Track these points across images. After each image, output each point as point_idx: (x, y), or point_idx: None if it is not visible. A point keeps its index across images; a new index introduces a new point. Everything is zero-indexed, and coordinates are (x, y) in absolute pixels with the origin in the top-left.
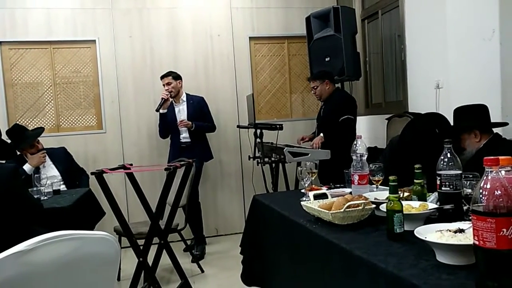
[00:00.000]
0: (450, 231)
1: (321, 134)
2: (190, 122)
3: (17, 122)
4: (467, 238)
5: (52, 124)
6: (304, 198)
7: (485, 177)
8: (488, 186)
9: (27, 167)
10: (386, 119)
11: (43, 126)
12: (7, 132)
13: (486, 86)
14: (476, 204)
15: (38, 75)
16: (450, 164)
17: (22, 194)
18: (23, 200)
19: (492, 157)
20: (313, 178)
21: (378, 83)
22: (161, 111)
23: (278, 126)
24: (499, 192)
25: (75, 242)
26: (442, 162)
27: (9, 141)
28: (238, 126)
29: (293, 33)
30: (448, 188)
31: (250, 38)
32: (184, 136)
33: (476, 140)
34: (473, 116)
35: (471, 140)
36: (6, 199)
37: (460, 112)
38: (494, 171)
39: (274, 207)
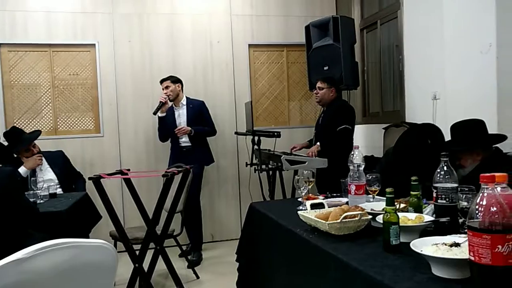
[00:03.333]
0: (445, 244)
1: (318, 143)
2: (189, 128)
3: (15, 125)
4: (463, 252)
5: (49, 127)
6: (301, 207)
7: (481, 194)
8: (484, 202)
9: (22, 169)
10: (383, 128)
11: (40, 128)
12: (4, 134)
13: (482, 98)
14: (472, 220)
15: (36, 78)
16: (446, 177)
17: (18, 197)
18: (19, 204)
19: (488, 174)
20: (310, 186)
21: (376, 93)
22: (159, 114)
23: (276, 133)
24: (495, 208)
25: (73, 250)
26: (438, 175)
27: (6, 143)
28: (236, 133)
29: (292, 41)
30: (444, 201)
31: (250, 45)
32: (184, 140)
33: (478, 158)
34: (474, 135)
35: (474, 158)
36: (2, 202)
37: (459, 130)
38: (490, 188)
39: (271, 215)
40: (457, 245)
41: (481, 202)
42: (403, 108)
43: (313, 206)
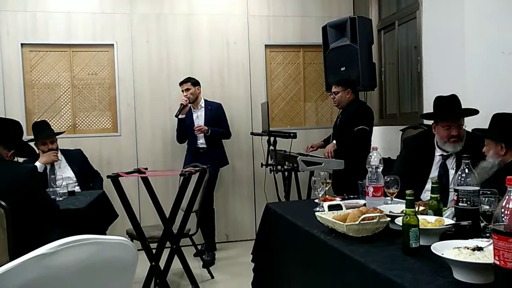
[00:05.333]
0: (468, 248)
1: (334, 141)
2: (206, 128)
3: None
4: (486, 257)
5: (68, 125)
6: (318, 208)
7: (507, 197)
8: (510, 205)
9: (37, 164)
10: (401, 130)
11: (59, 127)
12: (33, 124)
13: (504, 100)
14: (497, 224)
15: (56, 77)
16: (467, 180)
17: (39, 194)
18: (40, 201)
19: None
20: (327, 188)
21: (393, 94)
22: (180, 116)
23: (292, 134)
24: None
25: (95, 246)
26: (459, 178)
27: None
28: (252, 133)
29: (309, 42)
30: (466, 204)
31: (266, 46)
32: (201, 142)
33: (501, 152)
34: (506, 127)
35: (496, 150)
36: (23, 199)
37: (496, 118)
38: None
39: (287, 216)
40: (480, 249)
41: (507, 205)
42: (421, 109)
43: (331, 208)
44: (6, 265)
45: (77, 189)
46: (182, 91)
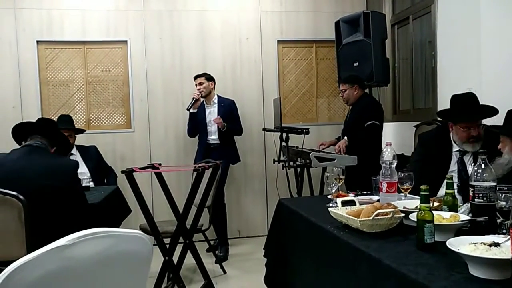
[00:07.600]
0: (484, 244)
1: (345, 138)
2: (223, 124)
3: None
4: (503, 252)
5: (82, 122)
6: (331, 204)
7: None
8: None
9: None
10: (414, 126)
11: (74, 123)
12: (60, 117)
13: None
14: None
15: (71, 74)
16: (484, 175)
17: (80, 192)
18: (79, 198)
19: None
20: (340, 184)
21: (407, 90)
22: (191, 110)
23: (304, 130)
24: None
25: (112, 239)
26: (476, 173)
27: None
28: (264, 129)
29: (322, 37)
30: (482, 200)
31: (278, 41)
32: (213, 137)
33: None
34: None
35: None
36: (66, 194)
37: (511, 114)
38: None
39: (300, 211)
40: (496, 244)
41: None
42: (435, 105)
43: (344, 203)
44: (27, 256)
45: (91, 184)
46: (196, 85)
